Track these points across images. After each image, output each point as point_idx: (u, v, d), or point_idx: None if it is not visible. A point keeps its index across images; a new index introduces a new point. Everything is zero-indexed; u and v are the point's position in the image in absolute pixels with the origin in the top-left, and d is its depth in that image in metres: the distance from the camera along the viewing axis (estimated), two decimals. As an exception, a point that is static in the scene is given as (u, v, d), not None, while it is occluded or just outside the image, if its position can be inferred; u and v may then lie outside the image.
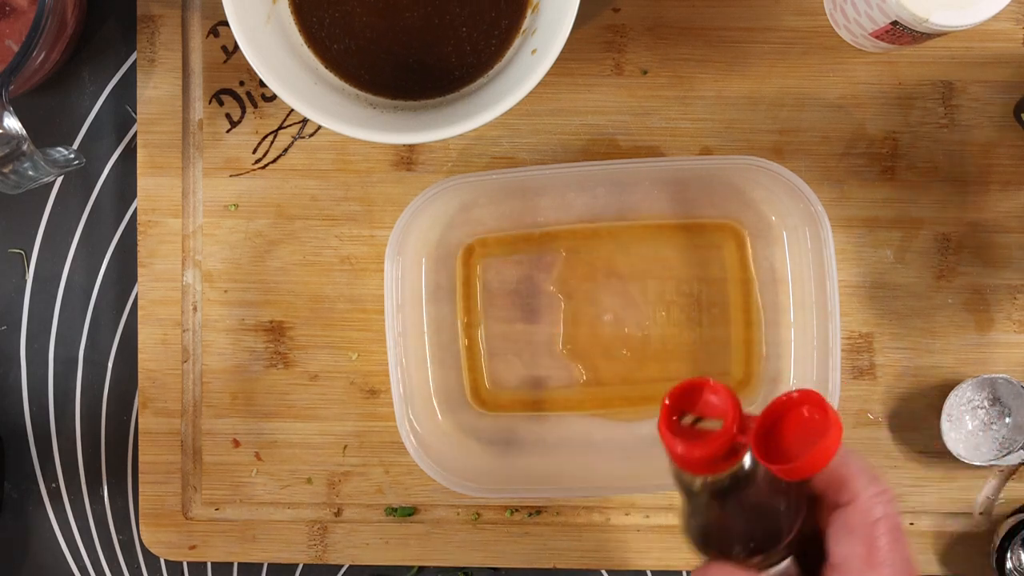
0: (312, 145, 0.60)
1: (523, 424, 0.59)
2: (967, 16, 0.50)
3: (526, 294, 0.59)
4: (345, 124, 0.51)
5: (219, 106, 0.60)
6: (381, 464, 0.60)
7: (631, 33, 0.59)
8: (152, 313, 0.60)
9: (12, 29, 0.53)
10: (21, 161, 0.51)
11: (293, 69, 0.53)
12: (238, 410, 0.60)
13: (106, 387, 0.61)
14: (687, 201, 0.58)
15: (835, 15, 0.58)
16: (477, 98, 0.53)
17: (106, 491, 0.62)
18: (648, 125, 0.59)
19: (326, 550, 0.60)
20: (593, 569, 0.61)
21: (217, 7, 0.59)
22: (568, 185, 0.58)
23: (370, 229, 0.60)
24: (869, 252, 0.59)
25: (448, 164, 0.60)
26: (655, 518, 0.60)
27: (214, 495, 0.61)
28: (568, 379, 0.60)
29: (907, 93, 0.59)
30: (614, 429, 0.59)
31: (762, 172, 0.55)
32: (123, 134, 0.61)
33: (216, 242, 0.60)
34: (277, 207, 0.60)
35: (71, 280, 0.61)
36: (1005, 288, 0.59)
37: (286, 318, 0.60)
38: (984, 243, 0.59)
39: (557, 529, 0.60)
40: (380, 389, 0.60)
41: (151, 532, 0.60)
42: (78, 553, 0.62)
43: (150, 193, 0.60)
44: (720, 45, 0.59)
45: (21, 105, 0.60)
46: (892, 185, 0.59)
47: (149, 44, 0.59)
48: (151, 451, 0.60)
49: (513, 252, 0.59)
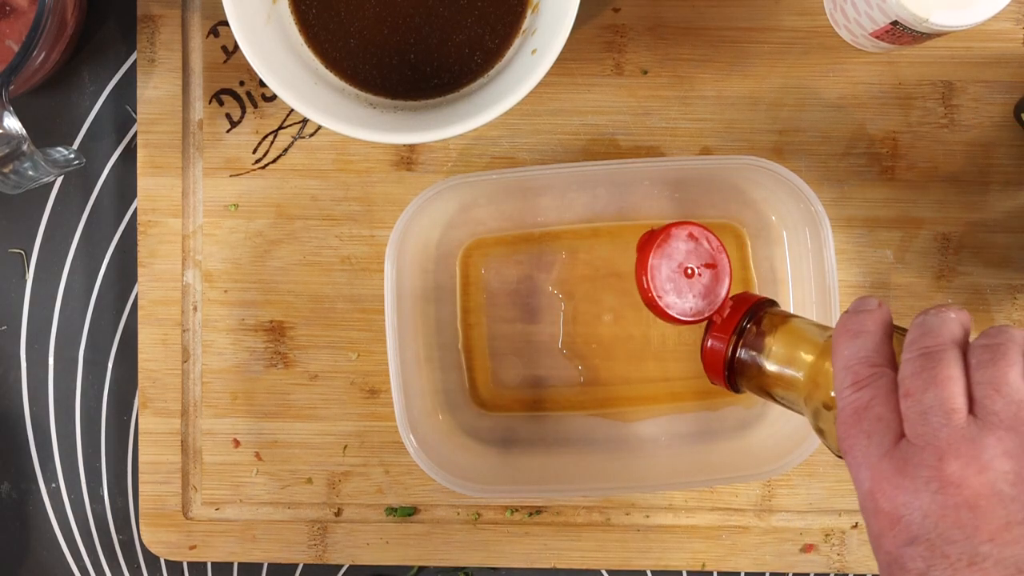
0: (312, 145, 0.60)
1: (523, 424, 0.59)
2: (967, 16, 0.50)
3: (526, 294, 0.59)
4: (345, 124, 0.51)
5: (219, 106, 0.60)
6: (381, 464, 0.60)
7: (631, 33, 0.59)
8: (152, 313, 0.60)
9: (12, 29, 0.53)
10: (21, 161, 0.51)
11: (293, 69, 0.53)
12: (238, 410, 0.60)
13: (106, 387, 0.61)
14: (687, 201, 0.58)
15: (835, 15, 0.58)
16: (477, 98, 0.53)
17: (106, 491, 0.62)
18: (648, 125, 0.59)
19: (326, 550, 0.60)
20: (593, 569, 0.61)
21: (217, 7, 0.59)
22: (568, 185, 0.58)
23: (370, 229, 0.60)
24: (869, 252, 0.59)
25: (448, 164, 0.60)
26: (655, 518, 0.60)
27: (214, 495, 0.61)
28: (568, 379, 0.60)
29: (907, 93, 0.59)
30: (614, 429, 0.59)
31: (762, 172, 0.55)
32: (123, 134, 0.61)
33: (216, 242, 0.60)
34: (277, 207, 0.60)
35: (71, 280, 0.61)
36: (1005, 288, 0.59)
37: (286, 318, 0.60)
38: (984, 243, 0.59)
39: (557, 529, 0.60)
40: (380, 389, 0.60)
41: (151, 532, 0.60)
42: (78, 553, 0.62)
43: (150, 193, 0.60)
44: (720, 45, 0.59)
45: (21, 105, 0.60)
46: (892, 185, 0.59)
47: (149, 44, 0.59)
48: (151, 451, 0.60)
49: (513, 252, 0.59)
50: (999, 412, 0.36)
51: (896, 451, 0.37)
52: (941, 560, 0.35)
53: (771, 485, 0.60)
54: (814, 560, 0.60)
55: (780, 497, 0.60)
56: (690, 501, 0.60)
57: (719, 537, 0.60)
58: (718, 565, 0.60)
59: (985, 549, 0.35)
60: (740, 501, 0.60)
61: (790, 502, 0.60)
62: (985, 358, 0.37)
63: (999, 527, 0.35)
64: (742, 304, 0.50)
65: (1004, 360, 0.36)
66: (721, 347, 0.49)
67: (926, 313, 0.40)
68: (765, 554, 0.60)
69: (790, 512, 0.60)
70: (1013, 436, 0.35)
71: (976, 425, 0.36)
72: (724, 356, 0.49)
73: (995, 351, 0.37)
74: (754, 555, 0.60)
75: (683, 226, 0.52)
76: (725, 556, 0.60)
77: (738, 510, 0.60)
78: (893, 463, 0.37)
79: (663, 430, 0.59)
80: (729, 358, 0.49)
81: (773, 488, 0.60)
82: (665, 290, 0.52)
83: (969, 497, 0.35)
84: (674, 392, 0.59)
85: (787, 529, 0.60)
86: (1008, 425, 0.36)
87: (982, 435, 0.36)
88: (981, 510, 0.35)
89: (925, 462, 0.36)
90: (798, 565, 0.60)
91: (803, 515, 0.60)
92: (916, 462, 0.37)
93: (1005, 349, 0.37)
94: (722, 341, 0.49)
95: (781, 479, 0.60)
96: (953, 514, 0.35)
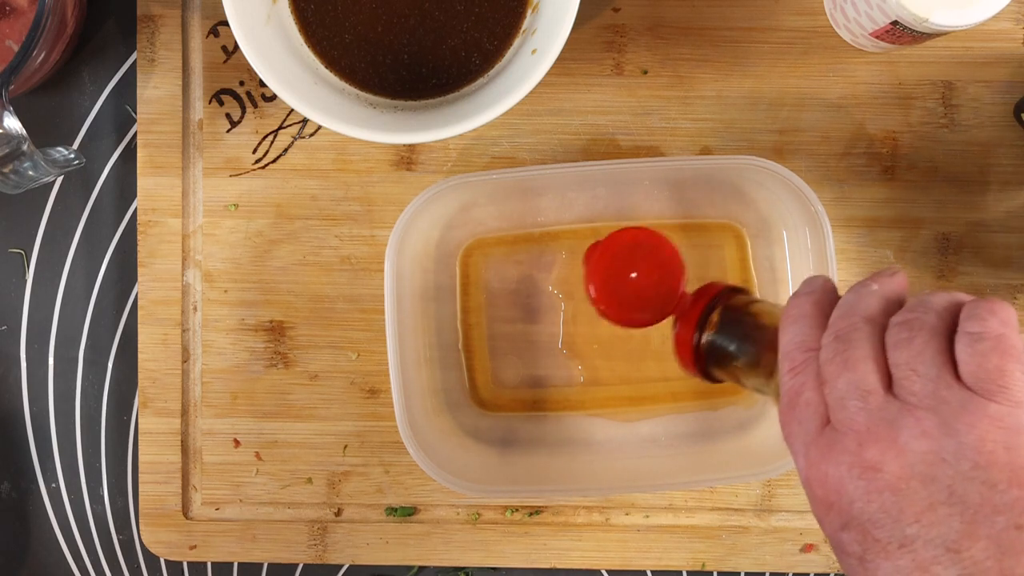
0: (312, 145, 0.60)
1: (523, 424, 0.59)
2: (967, 16, 0.50)
3: (526, 294, 0.59)
4: (345, 124, 0.51)
5: (219, 106, 0.60)
6: (381, 464, 0.60)
7: (631, 33, 0.59)
8: (152, 313, 0.60)
9: (12, 29, 0.53)
10: (21, 161, 0.51)
11: (293, 69, 0.53)
12: (238, 410, 0.60)
13: (106, 387, 0.61)
14: (687, 201, 0.58)
15: (835, 15, 0.58)
16: (477, 98, 0.53)
17: (106, 491, 0.62)
18: (648, 125, 0.59)
19: (326, 550, 0.60)
20: (593, 569, 0.61)
21: (217, 7, 0.59)
22: (568, 185, 0.58)
23: (370, 229, 0.60)
24: (869, 252, 0.59)
25: (448, 164, 0.60)
26: (655, 518, 0.60)
27: (214, 495, 0.61)
28: (568, 379, 0.60)
29: (907, 93, 0.59)
30: (614, 429, 0.59)
31: (762, 172, 0.55)
32: (123, 134, 0.61)
33: (216, 242, 0.60)
34: (277, 207, 0.60)
35: (71, 280, 0.61)
36: (1005, 288, 0.59)
37: (286, 318, 0.60)
38: (984, 243, 0.59)
39: (557, 529, 0.60)
40: (380, 389, 0.60)
41: (151, 532, 0.60)
42: (78, 553, 0.62)
43: (150, 193, 0.60)
44: (720, 45, 0.59)
45: (21, 105, 0.60)
46: (892, 185, 0.59)
47: (149, 44, 0.59)
48: (151, 451, 0.60)
49: (513, 252, 0.59)
50: (917, 392, 0.35)
51: (822, 437, 0.37)
52: (873, 544, 0.35)
53: (771, 485, 0.60)
54: (814, 560, 0.60)
55: (780, 497, 0.60)
56: (690, 501, 0.60)
57: (719, 537, 0.60)
58: (718, 565, 0.60)
59: (912, 531, 0.34)
60: (740, 501, 0.60)
61: (790, 502, 0.60)
62: (902, 337, 0.36)
63: (922, 508, 0.34)
64: (704, 295, 0.50)
65: (920, 337, 0.36)
66: (687, 339, 0.50)
67: (850, 288, 0.39)
68: (765, 554, 0.60)
69: (790, 512, 0.60)
70: (931, 416, 0.35)
71: (895, 405, 0.36)
72: (691, 347, 0.50)
73: (912, 327, 0.36)
74: (754, 555, 0.60)
75: (624, 232, 0.52)
76: (725, 556, 0.60)
77: (738, 510, 0.60)
78: (820, 449, 0.37)
79: (663, 430, 0.59)
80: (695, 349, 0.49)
81: (773, 488, 0.60)
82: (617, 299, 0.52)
83: (891, 481, 0.35)
84: (674, 392, 0.59)
85: (787, 529, 0.60)
86: (926, 405, 0.35)
87: (901, 416, 0.35)
88: (903, 493, 0.35)
89: (847, 448, 0.36)
90: (798, 565, 0.60)
91: (803, 515, 0.60)
92: (839, 448, 0.36)
93: (921, 324, 0.36)
94: (687, 333, 0.50)
95: (781, 479, 0.60)
96: (877, 499, 0.35)
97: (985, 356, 0.34)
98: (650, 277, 0.51)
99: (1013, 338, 0.35)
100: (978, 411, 0.34)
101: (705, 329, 0.49)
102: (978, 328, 0.35)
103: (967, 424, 0.34)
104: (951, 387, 0.35)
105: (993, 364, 0.34)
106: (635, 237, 0.52)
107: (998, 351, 0.34)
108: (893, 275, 0.39)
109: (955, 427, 0.34)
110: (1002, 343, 0.34)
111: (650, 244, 0.51)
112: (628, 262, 0.51)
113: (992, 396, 0.34)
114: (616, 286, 0.51)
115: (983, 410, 0.34)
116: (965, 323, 0.35)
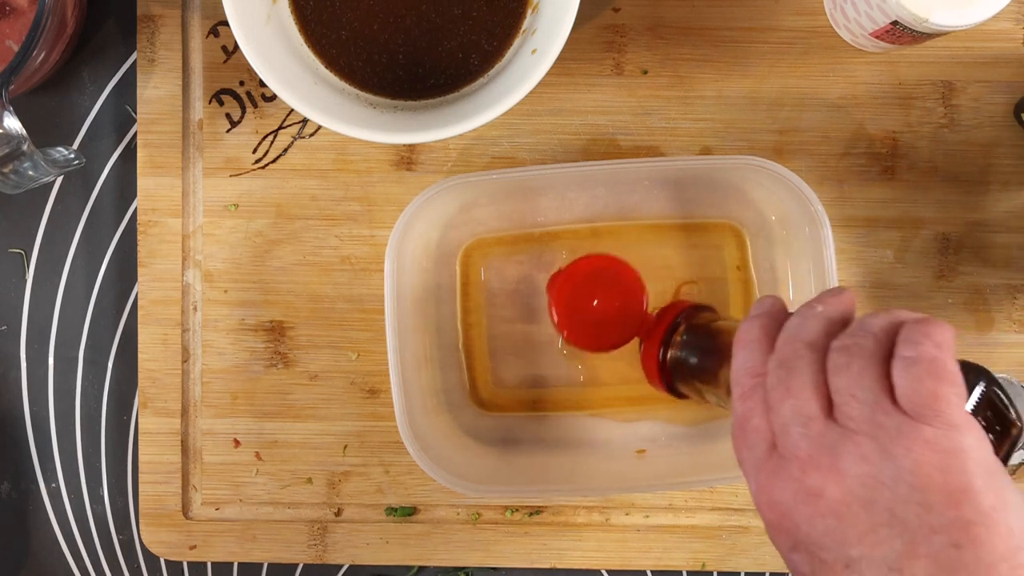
0: (312, 145, 0.60)
1: (523, 424, 0.59)
2: (967, 16, 0.50)
3: (526, 294, 0.59)
4: (345, 124, 0.51)
5: (219, 106, 0.60)
6: (381, 464, 0.60)
7: (631, 33, 0.59)
8: (152, 313, 0.60)
9: (12, 29, 0.53)
10: (21, 161, 0.51)
11: (293, 69, 0.53)
12: (238, 410, 0.60)
13: (106, 387, 0.61)
14: (687, 201, 0.58)
15: (835, 15, 0.58)
16: (477, 98, 0.53)
17: (106, 491, 0.62)
18: (648, 125, 0.59)
19: (326, 550, 0.60)
20: (593, 569, 0.61)
21: (217, 7, 0.59)
22: (568, 185, 0.58)
23: (370, 229, 0.60)
24: (869, 252, 0.59)
25: (448, 164, 0.60)
26: (655, 518, 0.60)
27: (214, 495, 0.61)
28: (568, 379, 0.60)
29: (907, 93, 0.59)
30: (614, 429, 0.59)
31: (762, 172, 0.55)
32: (123, 134, 0.61)
33: (216, 242, 0.60)
34: (277, 207, 0.60)
35: (71, 280, 0.61)
36: (1005, 288, 0.59)
37: (286, 318, 0.60)
38: (984, 243, 0.59)
39: (557, 529, 0.60)
40: (380, 389, 0.60)
41: (151, 532, 0.60)
42: (78, 553, 0.62)
43: (150, 193, 0.60)
44: (720, 45, 0.59)
45: (21, 105, 0.60)
46: (892, 185, 0.59)
47: (149, 44, 0.59)
48: (151, 451, 0.60)
49: (513, 252, 0.59)
50: (855, 417, 0.36)
51: (769, 462, 0.38)
52: (821, 565, 0.36)
53: (771, 485, 0.60)
54: (814, 560, 0.60)
55: (780, 497, 0.60)
56: (690, 501, 0.60)
57: (719, 537, 0.60)
58: (718, 565, 0.60)
59: (856, 552, 0.35)
60: (740, 501, 0.60)
61: (790, 502, 0.60)
62: (840, 362, 0.37)
63: (864, 531, 0.35)
64: (669, 313, 0.51)
65: (857, 363, 0.36)
66: (653, 356, 0.50)
67: (797, 310, 0.40)
68: (765, 554, 0.60)
69: (790, 512, 0.60)
70: (869, 441, 0.35)
71: (836, 431, 0.36)
72: (657, 364, 0.50)
73: (850, 352, 0.36)
74: (754, 555, 0.60)
75: (584, 260, 0.54)
76: (725, 556, 0.60)
77: (738, 510, 0.60)
78: (767, 474, 0.38)
79: (663, 430, 0.59)
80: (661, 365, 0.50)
81: (773, 488, 0.60)
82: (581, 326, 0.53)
83: (832, 506, 0.36)
84: (674, 392, 0.59)
85: (787, 529, 0.60)
86: (865, 430, 0.36)
87: (841, 442, 0.36)
88: (845, 517, 0.35)
89: (791, 474, 0.37)
90: (798, 565, 0.60)
91: (803, 515, 0.60)
92: (784, 474, 0.37)
93: (859, 349, 0.36)
94: (652, 351, 0.51)
95: (781, 479, 0.60)
96: (821, 523, 0.36)
97: (920, 380, 0.35)
98: (612, 303, 0.53)
99: (947, 361, 0.35)
100: (914, 435, 0.35)
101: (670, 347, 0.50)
102: (912, 352, 0.35)
103: (904, 448, 0.35)
104: (888, 413, 0.35)
105: (927, 388, 0.35)
106: (595, 264, 0.54)
107: (932, 375, 0.35)
108: (838, 295, 0.40)
109: (892, 452, 0.35)
110: (935, 367, 0.35)
111: (611, 270, 0.53)
112: (590, 289, 0.53)
113: (927, 420, 0.35)
114: (579, 313, 0.53)
115: (919, 434, 0.35)
116: (900, 347, 0.36)
